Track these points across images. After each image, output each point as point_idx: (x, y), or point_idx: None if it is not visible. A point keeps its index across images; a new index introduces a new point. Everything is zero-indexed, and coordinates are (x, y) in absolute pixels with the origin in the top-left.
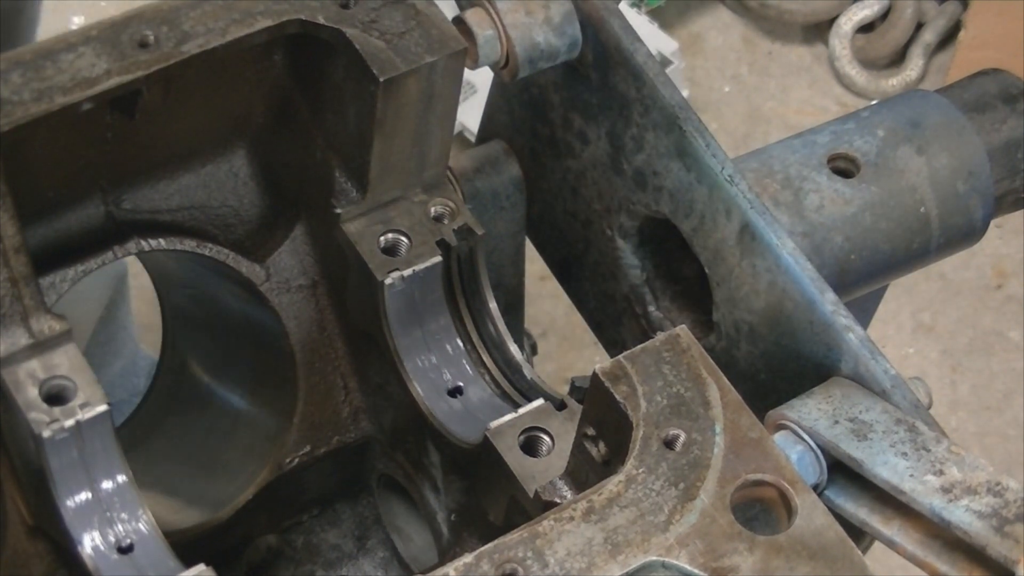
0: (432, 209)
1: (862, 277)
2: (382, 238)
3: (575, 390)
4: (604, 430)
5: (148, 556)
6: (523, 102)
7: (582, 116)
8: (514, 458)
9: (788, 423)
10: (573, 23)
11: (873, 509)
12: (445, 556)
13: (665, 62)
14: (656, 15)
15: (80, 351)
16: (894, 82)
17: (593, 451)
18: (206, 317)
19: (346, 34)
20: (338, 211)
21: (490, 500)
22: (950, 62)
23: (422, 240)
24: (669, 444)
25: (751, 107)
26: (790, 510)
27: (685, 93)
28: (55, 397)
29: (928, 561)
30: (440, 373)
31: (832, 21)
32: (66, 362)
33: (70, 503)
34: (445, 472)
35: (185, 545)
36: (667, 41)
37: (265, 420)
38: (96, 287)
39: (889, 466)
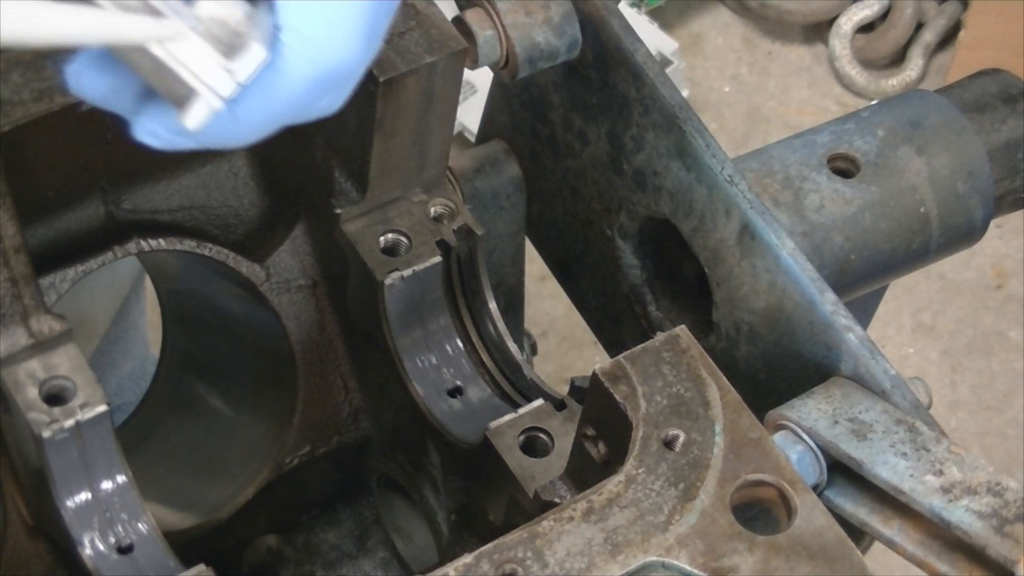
0: (432, 209)
1: (862, 277)
2: (382, 238)
3: (575, 390)
4: (604, 430)
5: (148, 556)
6: (523, 102)
7: (582, 116)
8: (514, 458)
9: (788, 423)
10: (573, 23)
11: (873, 509)
12: (445, 556)
13: (665, 62)
14: (656, 15)
15: (93, 346)
16: (894, 82)
17: (593, 451)
18: (206, 317)
19: None
20: (338, 211)
21: (490, 500)
22: (950, 62)
23: (422, 240)
24: (669, 444)
25: (751, 107)
26: (790, 510)
27: (685, 93)
28: (55, 397)
29: (928, 561)
30: (440, 373)
31: (832, 21)
32: (66, 362)
33: (70, 503)
34: (445, 472)
35: (185, 545)
36: (667, 41)
37: (265, 420)
38: (114, 283)
39: (889, 466)
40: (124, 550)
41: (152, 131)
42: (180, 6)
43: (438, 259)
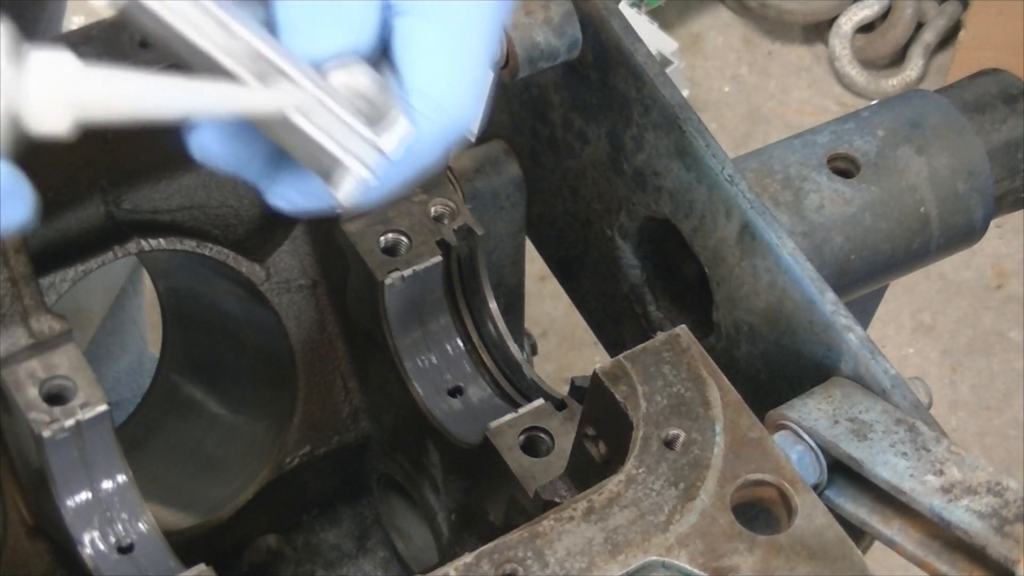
0: (432, 209)
1: (862, 277)
2: (382, 238)
3: (575, 390)
4: (604, 430)
5: (148, 556)
6: (523, 102)
7: (582, 116)
8: (514, 458)
9: (788, 423)
10: (573, 23)
11: (873, 509)
12: (445, 556)
13: (665, 62)
14: (656, 15)
15: (88, 337)
16: (894, 82)
17: (593, 451)
18: (205, 317)
19: None
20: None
21: (490, 500)
22: (950, 62)
23: (422, 240)
24: (669, 444)
25: (751, 107)
26: (790, 510)
27: (685, 93)
28: (55, 397)
29: (928, 561)
30: (440, 373)
31: (832, 21)
32: (66, 362)
33: (70, 503)
34: (445, 472)
35: (185, 545)
36: (667, 41)
37: (265, 420)
38: (109, 273)
39: (889, 466)
40: (124, 550)
41: (288, 198)
42: (318, 78)
43: (438, 259)
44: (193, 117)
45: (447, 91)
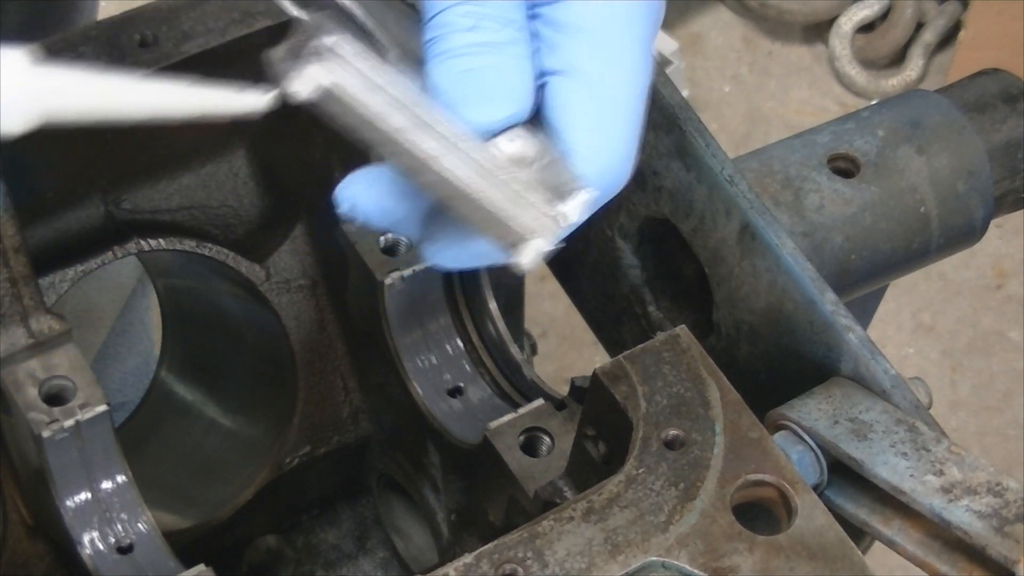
0: None
1: (862, 277)
2: (382, 238)
3: (575, 390)
4: (604, 430)
5: (148, 556)
6: None
7: None
8: (514, 458)
9: (788, 423)
10: None
11: (873, 509)
12: (445, 556)
13: (665, 62)
14: None
15: (101, 338)
16: (894, 82)
17: (593, 451)
18: (205, 317)
19: None
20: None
21: (490, 500)
22: (950, 62)
23: None
24: (669, 444)
25: (751, 107)
26: (790, 510)
27: (685, 93)
28: (55, 397)
29: (928, 561)
30: (440, 373)
31: (832, 21)
32: (66, 362)
33: (70, 503)
34: (445, 472)
35: (185, 545)
36: (667, 41)
37: (264, 420)
38: (121, 272)
39: (889, 466)
40: (124, 550)
41: (451, 257)
42: (494, 150)
43: None
44: (157, 118)
45: (610, 156)
